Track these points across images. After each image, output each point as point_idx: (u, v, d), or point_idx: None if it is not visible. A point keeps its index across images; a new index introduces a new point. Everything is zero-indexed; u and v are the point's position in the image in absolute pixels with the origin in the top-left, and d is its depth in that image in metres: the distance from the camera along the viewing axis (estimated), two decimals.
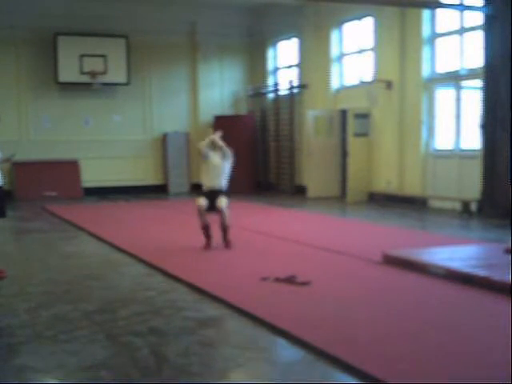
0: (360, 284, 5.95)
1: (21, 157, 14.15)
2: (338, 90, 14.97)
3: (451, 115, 12.01)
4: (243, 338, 4.41)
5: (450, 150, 12.08)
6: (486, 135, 10.76)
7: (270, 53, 17.37)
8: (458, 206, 11.37)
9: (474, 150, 11.40)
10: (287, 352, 4.22)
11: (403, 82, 12.93)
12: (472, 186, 11.25)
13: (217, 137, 7.99)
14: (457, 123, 11.93)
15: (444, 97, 12.32)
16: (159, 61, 16.88)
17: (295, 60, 16.46)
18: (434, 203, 12.20)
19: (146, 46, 16.59)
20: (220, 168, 7.90)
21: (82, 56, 15.78)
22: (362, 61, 14.24)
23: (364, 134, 13.80)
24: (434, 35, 12.42)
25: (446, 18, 12.15)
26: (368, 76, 13.92)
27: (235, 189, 16.23)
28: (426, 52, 12.47)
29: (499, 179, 10.37)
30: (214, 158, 7.94)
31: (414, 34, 12.58)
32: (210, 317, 4.93)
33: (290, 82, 16.07)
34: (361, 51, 14.27)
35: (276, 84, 16.86)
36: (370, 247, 7.64)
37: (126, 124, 16.75)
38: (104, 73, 15.94)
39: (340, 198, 14.56)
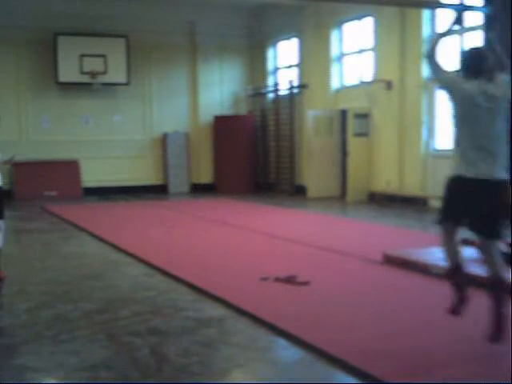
0: (360, 284, 5.95)
1: (21, 157, 14.13)
2: (338, 90, 14.96)
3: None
4: (243, 338, 4.41)
5: (450, 150, 12.05)
6: None
7: (270, 53, 17.36)
8: None
9: None
10: (287, 352, 4.22)
11: (403, 82, 12.93)
12: None
13: None
14: None
15: (444, 97, 12.30)
16: (159, 61, 16.88)
17: (295, 60, 16.45)
18: (434, 203, 12.19)
19: (146, 46, 16.59)
20: None
21: (82, 56, 15.77)
22: (362, 61, 14.24)
23: (364, 134, 13.80)
24: (434, 35, 12.42)
25: (446, 18, 12.15)
26: (368, 76, 13.92)
27: (235, 189, 16.40)
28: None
29: None
30: None
31: (414, 34, 12.57)
32: (210, 317, 4.93)
33: (290, 82, 16.07)
34: (361, 51, 14.27)
35: (276, 84, 16.86)
36: (370, 247, 7.64)
37: (126, 124, 16.75)
38: (104, 73, 15.94)
39: (340, 197, 14.56)
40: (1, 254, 6.43)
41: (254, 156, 17.22)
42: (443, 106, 12.34)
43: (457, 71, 4.16)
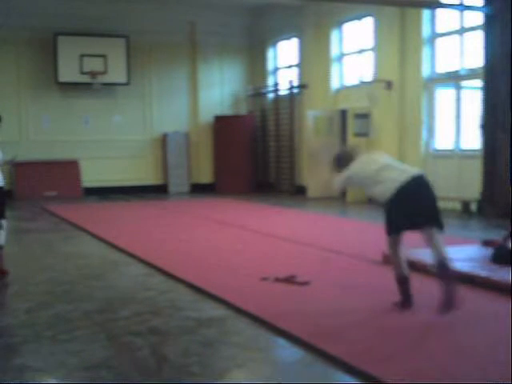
0: (360, 284, 5.95)
1: (21, 157, 14.12)
2: (338, 90, 14.96)
3: (451, 115, 12.01)
4: (243, 338, 4.41)
5: (450, 150, 12.08)
6: (486, 135, 10.76)
7: (270, 53, 17.37)
8: (458, 205, 11.37)
9: (474, 150, 11.40)
10: (287, 352, 4.22)
11: (403, 82, 12.93)
12: (472, 186, 11.25)
13: None
14: (457, 123, 11.92)
15: (444, 97, 12.32)
16: (159, 61, 16.88)
17: (295, 60, 16.45)
18: None
19: (146, 46, 16.59)
20: None
21: (82, 56, 15.78)
22: (362, 61, 14.24)
23: (364, 134, 13.79)
24: (434, 35, 12.41)
25: (445, 18, 12.16)
26: (368, 76, 13.92)
27: (235, 189, 16.39)
28: (426, 52, 12.46)
29: (499, 179, 10.37)
30: None
31: (414, 34, 12.57)
32: (210, 317, 4.93)
33: (290, 82, 16.07)
34: (361, 51, 14.27)
35: (276, 84, 16.86)
36: (370, 247, 7.63)
37: (126, 124, 16.75)
38: (104, 73, 15.94)
39: (340, 197, 14.55)
40: (2, 252, 6.45)
41: (253, 156, 17.22)
42: (443, 106, 12.36)
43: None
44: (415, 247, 7.46)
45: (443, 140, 12.35)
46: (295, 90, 16.02)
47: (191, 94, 17.30)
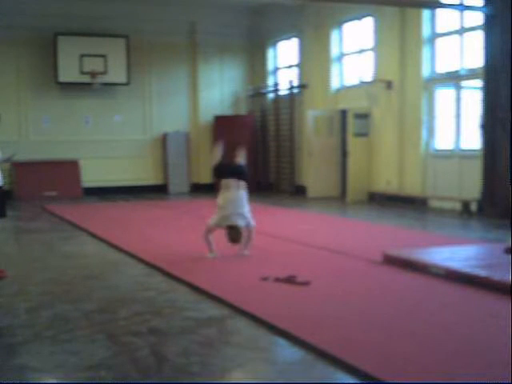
0: (360, 284, 5.95)
1: (21, 157, 14.15)
2: (338, 90, 14.97)
3: (451, 115, 12.02)
4: (243, 338, 4.41)
5: (450, 150, 12.08)
6: (486, 135, 10.76)
7: (270, 53, 17.37)
8: (458, 205, 11.37)
9: (474, 150, 11.40)
10: (287, 352, 4.22)
11: (403, 82, 12.93)
12: (472, 186, 11.25)
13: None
14: (457, 123, 11.93)
15: (444, 97, 12.32)
16: (159, 61, 16.89)
17: (295, 60, 16.46)
18: (434, 203, 12.20)
19: (146, 46, 16.60)
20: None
21: (82, 56, 15.79)
22: (362, 61, 14.24)
23: (364, 134, 13.80)
24: (434, 35, 12.42)
25: (445, 18, 12.16)
26: (368, 76, 13.92)
27: None
28: (426, 52, 12.47)
29: (499, 179, 10.37)
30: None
31: (414, 34, 12.58)
32: (210, 317, 4.93)
33: (290, 82, 16.07)
34: (361, 51, 14.28)
35: (276, 84, 16.86)
36: (370, 247, 7.63)
37: (126, 124, 16.75)
38: (104, 73, 15.94)
39: (340, 197, 14.56)
40: None
41: (253, 156, 17.21)
42: (443, 106, 12.36)
43: None
44: (415, 247, 7.48)
45: (443, 140, 12.36)
46: (295, 90, 16.02)
47: (191, 93, 17.30)
